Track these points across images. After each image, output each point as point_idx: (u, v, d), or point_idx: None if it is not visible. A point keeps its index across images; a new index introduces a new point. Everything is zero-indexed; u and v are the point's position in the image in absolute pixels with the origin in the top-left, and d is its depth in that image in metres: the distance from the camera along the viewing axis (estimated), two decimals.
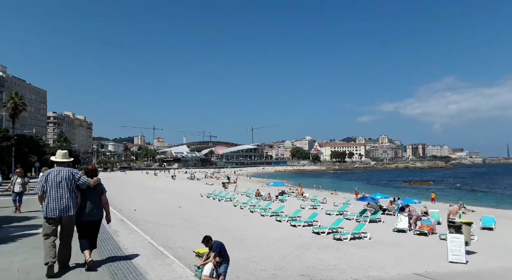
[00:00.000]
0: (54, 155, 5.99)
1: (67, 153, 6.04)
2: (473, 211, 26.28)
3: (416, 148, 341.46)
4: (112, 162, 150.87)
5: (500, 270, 9.31)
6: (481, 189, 61.19)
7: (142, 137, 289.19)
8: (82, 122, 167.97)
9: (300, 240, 12.69)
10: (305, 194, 34.45)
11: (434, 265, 9.46)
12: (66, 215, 5.45)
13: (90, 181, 5.78)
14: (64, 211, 5.43)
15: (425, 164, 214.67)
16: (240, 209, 22.35)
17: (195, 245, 8.73)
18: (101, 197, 5.97)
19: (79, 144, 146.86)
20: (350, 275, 8.36)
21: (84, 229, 5.79)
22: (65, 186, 5.50)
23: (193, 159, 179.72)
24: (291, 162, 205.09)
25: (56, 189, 5.45)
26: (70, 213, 5.50)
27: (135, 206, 20.35)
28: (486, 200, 42.63)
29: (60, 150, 5.99)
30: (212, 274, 6.08)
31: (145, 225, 13.49)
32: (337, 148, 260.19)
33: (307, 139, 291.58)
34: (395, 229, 15.52)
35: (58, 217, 5.42)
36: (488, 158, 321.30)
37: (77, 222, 5.70)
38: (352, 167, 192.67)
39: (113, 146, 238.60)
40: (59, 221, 5.47)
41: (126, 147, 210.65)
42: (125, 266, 5.76)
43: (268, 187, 40.12)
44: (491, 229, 17.09)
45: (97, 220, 5.94)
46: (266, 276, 8.08)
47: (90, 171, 6.02)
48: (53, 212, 5.39)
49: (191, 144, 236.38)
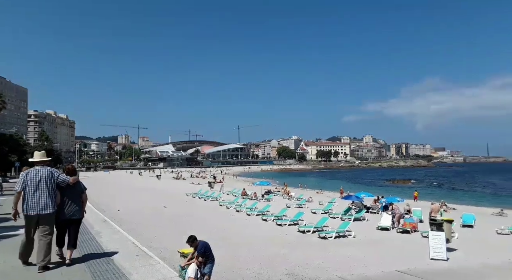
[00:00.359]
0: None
1: (45, 153, 6.20)
2: (454, 209, 26.96)
3: (399, 147, 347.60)
4: (95, 162, 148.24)
5: (479, 267, 9.57)
6: (462, 188, 62.83)
7: (127, 136, 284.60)
8: (64, 121, 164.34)
9: (285, 239, 12.75)
10: (291, 193, 34.63)
11: (416, 262, 9.64)
12: (44, 213, 5.54)
13: (69, 179, 5.90)
14: (43, 209, 5.53)
15: (408, 163, 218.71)
16: (226, 208, 22.29)
17: (180, 245, 8.65)
18: (81, 196, 6.16)
19: (61, 143, 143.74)
20: (335, 273, 8.45)
21: (64, 228, 5.94)
22: (44, 185, 5.59)
23: (178, 159, 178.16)
24: (278, 161, 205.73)
25: (35, 188, 5.54)
26: (49, 211, 5.58)
27: (118, 206, 20.03)
28: (466, 198, 43.80)
29: (38, 151, 6.17)
30: (196, 275, 6.04)
31: (129, 225, 13.28)
32: (322, 148, 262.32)
33: (293, 138, 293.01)
34: (379, 227, 15.77)
35: (37, 215, 5.50)
36: (468, 157, 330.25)
37: (57, 220, 5.80)
38: (337, 166, 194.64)
39: (96, 145, 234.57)
40: (37, 219, 5.54)
41: (109, 146, 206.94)
42: (108, 268, 5.67)
43: (254, 187, 40.14)
44: (471, 226, 17.57)
45: (77, 219, 6.06)
46: (252, 275, 8.08)
47: (70, 171, 6.20)
48: (32, 210, 5.48)
49: (176, 144, 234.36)
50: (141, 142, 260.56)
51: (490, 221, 20.24)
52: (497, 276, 8.42)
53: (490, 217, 23.05)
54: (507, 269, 9.40)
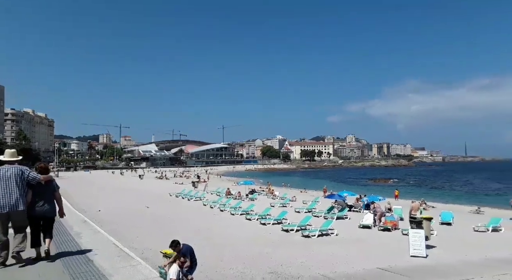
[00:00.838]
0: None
1: (15, 152, 6.19)
2: (433, 207, 27.66)
3: (381, 147, 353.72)
4: (76, 161, 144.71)
5: (457, 263, 9.83)
6: (441, 186, 64.58)
7: (108, 136, 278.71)
8: (43, 120, 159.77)
9: (269, 238, 12.78)
10: (275, 193, 34.78)
11: (397, 260, 9.84)
12: (15, 210, 5.59)
13: (40, 177, 5.92)
14: (13, 206, 5.58)
15: (389, 162, 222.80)
16: (210, 208, 22.19)
17: (162, 246, 8.53)
18: (54, 194, 6.23)
19: (39, 142, 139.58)
20: (317, 271, 8.52)
21: (37, 226, 5.98)
22: (14, 183, 5.63)
23: (162, 158, 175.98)
24: (262, 161, 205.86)
25: (5, 185, 5.58)
26: (20, 209, 5.64)
27: (99, 207, 19.64)
28: (445, 196, 45.03)
29: (8, 149, 6.18)
30: (178, 276, 5.96)
31: (110, 226, 13.02)
32: (306, 147, 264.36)
33: (278, 138, 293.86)
34: (361, 225, 16.01)
35: (7, 213, 5.55)
36: (447, 157, 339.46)
37: (30, 217, 5.86)
38: (321, 166, 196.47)
39: (76, 144, 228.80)
40: (8, 216, 5.59)
41: (90, 146, 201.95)
42: (87, 269, 5.53)
43: (238, 186, 40.10)
44: (450, 224, 18.05)
45: (50, 217, 6.15)
46: (235, 274, 8.07)
47: (43, 170, 6.24)
48: (3, 208, 5.52)
49: (160, 143, 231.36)
50: (123, 141, 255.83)
51: (467, 218, 20.85)
52: (474, 272, 8.66)
53: (467, 215, 23.76)
54: (484, 265, 9.70)
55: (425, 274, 8.59)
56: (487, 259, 10.39)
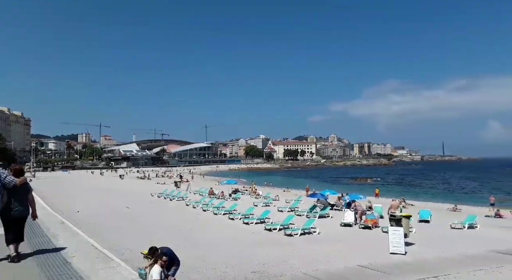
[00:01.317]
0: None
1: None
2: (412, 205, 28.34)
3: (362, 147, 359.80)
4: (53, 161, 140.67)
5: (435, 259, 10.08)
6: (419, 185, 66.24)
7: (87, 135, 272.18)
8: (18, 118, 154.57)
9: (252, 237, 12.79)
10: (258, 192, 34.83)
11: (377, 257, 10.01)
12: None
13: (16, 180, 5.96)
14: None
15: (370, 162, 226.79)
16: (192, 208, 22.01)
17: (142, 246, 8.40)
18: (27, 196, 6.27)
19: (15, 142, 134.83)
20: (299, 269, 8.57)
21: (10, 225, 6.03)
22: None
23: (143, 158, 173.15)
24: (245, 160, 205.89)
25: None
26: None
27: (78, 207, 19.15)
28: (424, 195, 46.26)
29: None
30: (161, 276, 5.86)
31: (89, 227, 12.71)
32: (289, 147, 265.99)
33: (261, 137, 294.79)
34: (342, 224, 16.23)
35: None
36: (426, 156, 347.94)
37: (3, 218, 5.93)
38: (304, 165, 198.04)
39: (54, 144, 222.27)
40: None
41: (69, 145, 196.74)
42: (65, 271, 5.39)
43: (221, 186, 39.95)
44: (428, 221, 18.53)
45: (23, 217, 6.21)
46: (217, 274, 8.02)
47: (18, 171, 6.28)
48: None
49: (141, 142, 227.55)
50: (103, 140, 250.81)
51: (445, 216, 21.47)
52: (451, 268, 8.91)
53: (445, 213, 24.47)
54: (460, 261, 9.98)
55: (404, 271, 8.77)
56: (463, 255, 10.70)
